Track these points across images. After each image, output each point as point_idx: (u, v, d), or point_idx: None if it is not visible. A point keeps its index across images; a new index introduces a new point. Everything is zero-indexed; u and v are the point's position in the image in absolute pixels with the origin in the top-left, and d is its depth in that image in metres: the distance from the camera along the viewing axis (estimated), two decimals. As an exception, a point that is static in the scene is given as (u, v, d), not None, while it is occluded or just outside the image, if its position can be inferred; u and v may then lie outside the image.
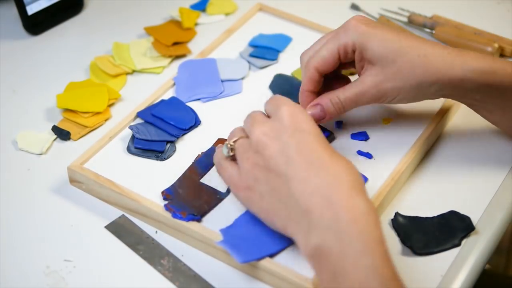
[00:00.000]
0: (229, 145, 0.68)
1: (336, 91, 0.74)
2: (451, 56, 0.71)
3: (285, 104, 0.66)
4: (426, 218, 0.72)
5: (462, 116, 0.84)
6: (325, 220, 0.60)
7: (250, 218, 0.70)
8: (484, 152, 0.80)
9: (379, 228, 0.60)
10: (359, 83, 0.73)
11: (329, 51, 0.73)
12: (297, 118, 0.65)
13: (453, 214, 0.72)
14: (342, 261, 0.59)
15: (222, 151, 0.69)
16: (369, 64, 0.73)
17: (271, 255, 0.67)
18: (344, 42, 0.72)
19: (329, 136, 0.78)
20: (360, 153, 0.77)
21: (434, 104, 0.82)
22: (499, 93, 0.72)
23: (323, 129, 0.79)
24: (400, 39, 0.71)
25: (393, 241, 0.71)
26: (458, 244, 0.70)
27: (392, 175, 0.74)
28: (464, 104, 0.76)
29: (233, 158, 0.68)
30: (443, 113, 0.81)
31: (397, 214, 0.73)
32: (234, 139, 0.68)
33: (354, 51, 0.73)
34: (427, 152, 0.80)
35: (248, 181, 0.66)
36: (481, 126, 0.82)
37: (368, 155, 0.77)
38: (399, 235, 0.71)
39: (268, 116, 0.68)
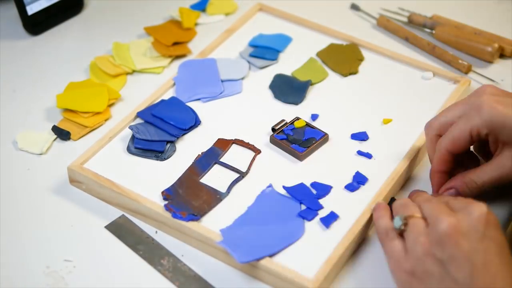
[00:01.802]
0: (403, 219, 0.64)
1: (471, 174, 0.70)
2: None
3: (477, 203, 0.62)
4: None
5: (462, 116, 0.84)
6: None
7: (250, 218, 0.70)
8: (484, 152, 0.80)
9: None
10: (498, 167, 0.69)
11: (461, 132, 0.69)
12: (489, 220, 0.61)
13: None
14: None
15: (394, 222, 0.65)
16: (505, 145, 0.69)
17: (271, 255, 0.67)
18: (477, 124, 0.68)
19: (324, 137, 0.78)
20: (360, 153, 0.77)
21: (434, 104, 0.82)
22: None
23: (318, 130, 0.79)
24: None
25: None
26: None
27: (392, 175, 0.74)
28: None
29: (400, 233, 0.65)
30: (443, 113, 0.81)
31: (392, 199, 0.74)
32: (409, 214, 0.65)
33: (487, 134, 0.68)
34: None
35: (415, 267, 0.62)
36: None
37: (368, 155, 0.77)
38: None
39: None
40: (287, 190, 0.73)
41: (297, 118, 0.80)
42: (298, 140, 0.78)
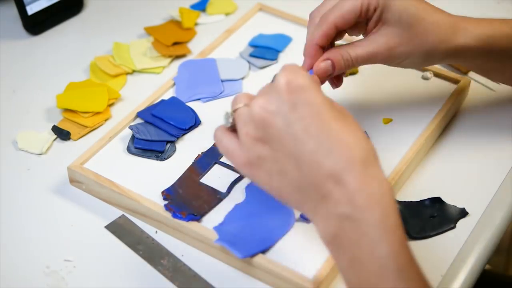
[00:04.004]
0: (230, 114, 0.64)
1: (347, 47, 0.72)
2: (457, 23, 0.74)
3: (283, 71, 0.61)
4: (420, 202, 0.74)
5: (462, 117, 0.84)
6: (341, 207, 0.57)
7: (240, 212, 0.70)
8: (484, 152, 0.80)
9: (394, 211, 0.58)
10: (372, 43, 0.72)
11: (351, 6, 0.71)
12: (296, 86, 0.59)
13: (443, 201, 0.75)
14: (358, 250, 0.57)
15: (224, 121, 0.65)
16: (384, 24, 0.72)
17: (269, 247, 0.67)
18: (368, 0, 0.71)
19: None
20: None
21: (434, 104, 0.82)
22: (498, 56, 0.76)
23: None
24: (417, 3, 0.72)
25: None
26: (454, 227, 0.72)
27: (392, 175, 0.74)
28: (467, 68, 0.83)
29: (233, 129, 0.64)
30: (443, 113, 0.81)
31: None
32: (236, 107, 0.63)
33: (375, 9, 0.71)
34: (426, 152, 0.80)
35: (250, 157, 0.62)
36: (482, 126, 0.82)
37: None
38: None
39: None
40: None
41: None
42: None
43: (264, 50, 0.90)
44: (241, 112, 0.63)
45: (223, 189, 0.74)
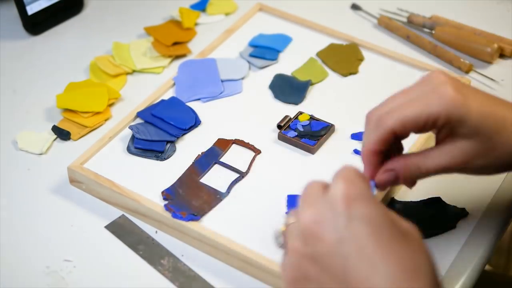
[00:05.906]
0: (280, 232, 0.59)
1: (416, 159, 0.63)
2: None
3: (341, 178, 0.54)
4: (420, 202, 0.74)
5: (462, 116, 0.84)
6: None
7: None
8: (484, 152, 0.80)
9: None
10: (445, 155, 0.62)
11: (415, 115, 0.60)
12: (350, 197, 0.53)
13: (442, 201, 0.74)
14: None
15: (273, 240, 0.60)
16: (459, 138, 0.62)
17: None
18: (437, 112, 0.60)
19: (329, 127, 0.79)
20: (356, 152, 0.77)
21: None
22: None
23: (323, 122, 0.79)
24: (495, 110, 0.61)
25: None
26: (454, 227, 0.72)
27: (392, 175, 0.74)
28: None
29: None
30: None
31: (392, 199, 0.74)
32: (289, 223, 0.57)
33: (444, 125, 0.61)
34: (427, 152, 0.80)
35: (295, 274, 0.55)
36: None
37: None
38: None
39: None
40: (291, 198, 0.73)
41: (300, 113, 0.80)
42: (307, 134, 0.78)
43: (264, 50, 0.90)
44: (291, 228, 0.56)
45: (223, 189, 0.74)
